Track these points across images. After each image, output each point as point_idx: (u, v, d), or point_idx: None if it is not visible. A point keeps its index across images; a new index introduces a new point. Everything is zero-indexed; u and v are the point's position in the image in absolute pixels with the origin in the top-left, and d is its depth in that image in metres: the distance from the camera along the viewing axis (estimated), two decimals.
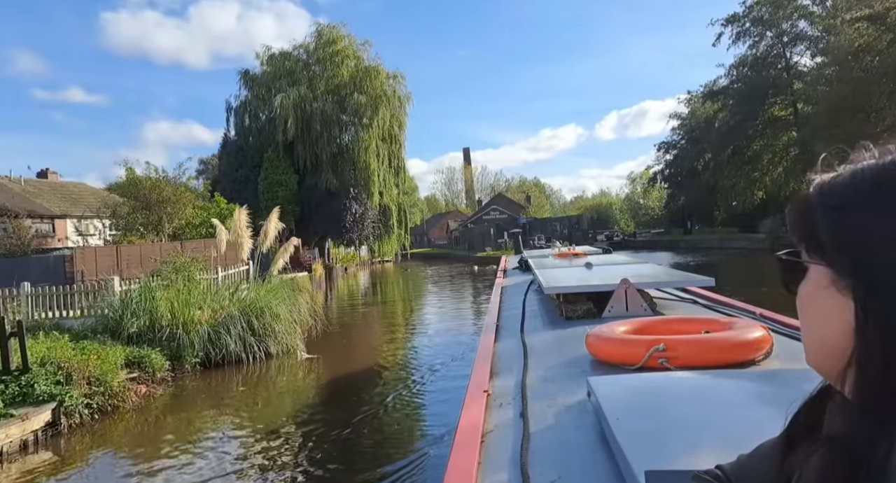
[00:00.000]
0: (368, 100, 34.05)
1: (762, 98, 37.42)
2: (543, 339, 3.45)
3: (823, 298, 0.54)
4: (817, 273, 0.55)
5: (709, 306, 4.06)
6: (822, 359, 0.56)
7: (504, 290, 6.66)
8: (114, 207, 21.05)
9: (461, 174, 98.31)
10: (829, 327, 0.54)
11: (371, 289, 31.58)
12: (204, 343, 10.11)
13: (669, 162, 62.24)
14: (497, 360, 3.05)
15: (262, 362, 10.54)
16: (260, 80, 33.90)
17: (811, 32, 36.32)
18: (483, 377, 2.58)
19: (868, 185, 0.53)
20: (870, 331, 0.50)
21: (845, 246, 0.52)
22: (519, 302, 5.18)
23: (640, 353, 2.32)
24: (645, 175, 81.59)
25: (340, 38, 35.26)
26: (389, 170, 37.10)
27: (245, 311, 10.84)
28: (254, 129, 33.59)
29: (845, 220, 0.53)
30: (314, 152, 33.15)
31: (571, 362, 2.70)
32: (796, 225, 0.58)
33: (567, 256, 8.57)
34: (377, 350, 12.61)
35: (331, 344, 12.66)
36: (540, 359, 2.89)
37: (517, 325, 4.06)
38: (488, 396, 2.29)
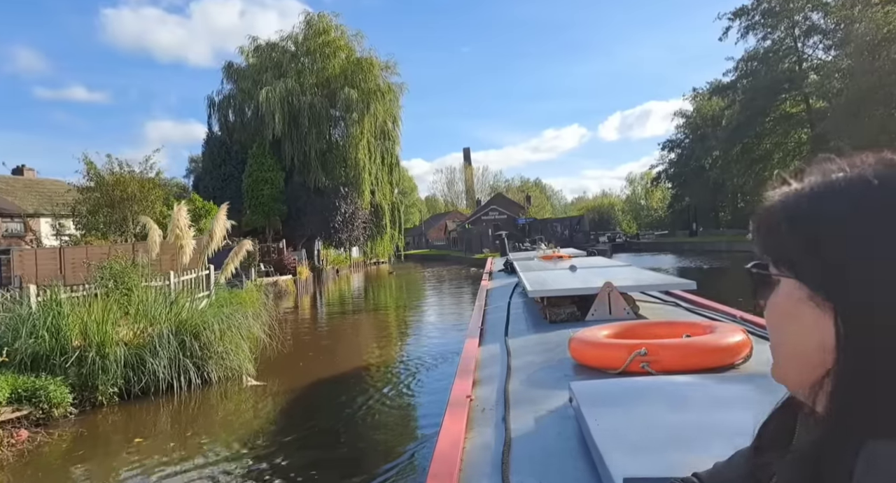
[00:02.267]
0: (361, 94, 32.32)
1: (773, 93, 35.66)
2: (527, 344, 3.47)
3: (798, 312, 0.53)
4: (790, 287, 0.54)
5: (691, 309, 4.09)
6: (793, 373, 0.55)
7: (489, 293, 6.69)
8: (73, 205, 19.39)
9: (461, 174, 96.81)
10: (804, 341, 0.53)
11: (361, 292, 29.87)
12: (124, 368, 8.39)
13: (674, 161, 60.48)
14: (480, 365, 3.07)
15: (198, 391, 8.80)
16: (245, 73, 32.17)
17: (825, 24, 34.53)
18: (466, 383, 2.59)
19: (841, 200, 0.52)
20: (849, 347, 0.49)
21: (820, 261, 0.51)
22: (504, 305, 5.19)
23: (622, 358, 2.33)
24: (647, 176, 79.95)
25: (331, 28, 33.52)
26: (382, 167, 35.36)
27: (180, 329, 9.11)
28: (238, 125, 31.87)
29: (818, 234, 0.52)
30: (302, 149, 31.42)
31: (554, 367, 2.76)
32: (763, 238, 0.57)
33: (552, 259, 8.64)
34: (348, 370, 10.86)
35: (293, 365, 10.89)
36: (523, 363, 2.92)
37: (501, 328, 4.07)
38: (471, 402, 2.30)
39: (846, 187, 0.52)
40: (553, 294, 4.24)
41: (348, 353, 12.25)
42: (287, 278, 25.48)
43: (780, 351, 0.57)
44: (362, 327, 17.05)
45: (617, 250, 55.88)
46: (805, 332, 0.53)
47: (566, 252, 10.33)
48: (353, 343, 13.96)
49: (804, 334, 0.53)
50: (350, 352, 12.50)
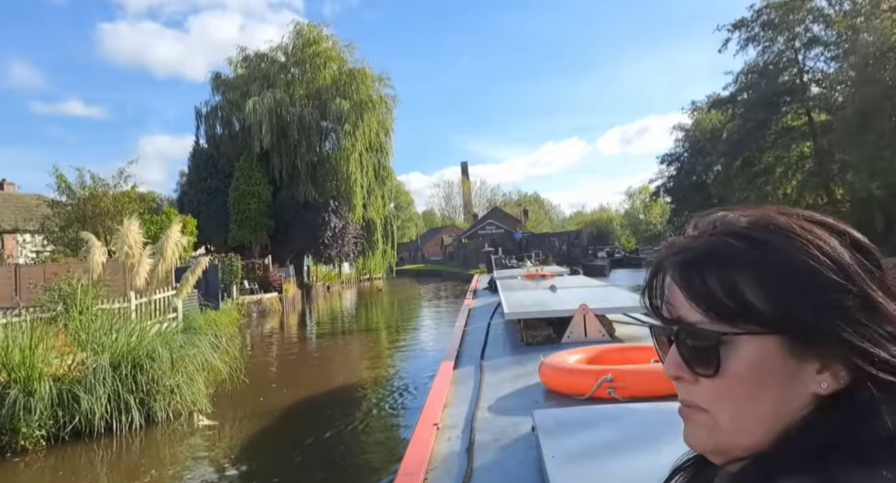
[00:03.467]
0: (352, 105, 31.46)
1: (774, 106, 34.87)
2: (502, 367, 3.48)
3: (773, 371, 0.50)
4: (760, 346, 0.50)
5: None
6: (751, 438, 0.51)
7: (471, 313, 6.62)
8: (42, 221, 18.38)
9: (459, 188, 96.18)
10: (777, 401, 0.50)
11: (350, 311, 28.82)
12: (54, 407, 7.32)
13: (673, 175, 59.70)
14: (453, 389, 3.05)
15: (140, 432, 7.71)
16: (233, 83, 31.31)
17: (826, 36, 33.85)
18: (435, 409, 2.57)
19: (800, 238, 0.50)
20: (854, 396, 0.48)
21: (804, 309, 0.49)
22: (483, 326, 5.20)
23: (589, 384, 2.33)
24: (646, 190, 79.28)
25: (322, 38, 32.76)
26: (375, 180, 34.41)
27: (124, 360, 8.04)
28: (225, 137, 30.93)
29: (796, 280, 0.49)
30: (291, 162, 30.48)
31: (524, 392, 2.73)
32: (704, 292, 0.51)
33: (535, 277, 8.46)
34: (319, 403, 9.77)
35: (257, 398, 9.82)
36: (495, 388, 2.90)
37: (478, 351, 4.07)
38: (437, 430, 2.29)
39: (808, 229, 0.51)
40: (530, 316, 4.18)
41: (321, 383, 11.13)
42: (272, 296, 24.39)
43: (744, 419, 0.50)
44: (344, 352, 15.92)
45: (615, 265, 54.93)
46: (785, 392, 0.49)
47: (549, 270, 10.10)
48: (329, 371, 12.84)
49: (783, 394, 0.49)
50: (323, 381, 11.39)
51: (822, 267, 0.49)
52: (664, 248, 0.57)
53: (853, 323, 0.48)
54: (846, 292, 0.48)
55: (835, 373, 0.49)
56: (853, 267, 0.49)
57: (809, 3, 33.80)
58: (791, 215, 0.54)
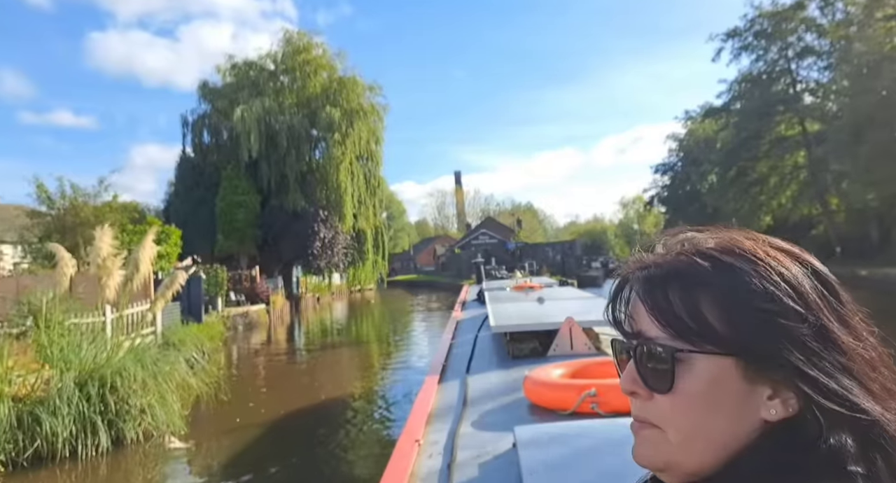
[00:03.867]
0: (343, 114, 31.06)
1: (768, 115, 34.85)
2: (487, 381, 3.41)
3: (726, 392, 0.50)
4: (715, 366, 0.50)
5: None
6: (697, 460, 0.51)
7: (459, 325, 6.59)
8: (21, 232, 17.80)
9: (453, 198, 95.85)
10: (728, 423, 0.50)
11: (339, 323, 28.26)
12: (14, 430, 6.77)
13: (667, 185, 59.71)
14: (436, 405, 3.01)
15: (108, 455, 7.17)
16: (221, 92, 30.84)
17: (819, 46, 33.94)
18: (417, 425, 2.55)
19: (764, 263, 0.51)
20: (804, 419, 0.49)
21: (762, 334, 0.49)
22: (471, 339, 5.12)
23: (572, 399, 2.31)
24: (640, 200, 79.28)
25: (312, 46, 32.40)
26: (365, 190, 33.93)
27: (92, 378, 7.51)
28: (213, 146, 30.41)
29: (756, 304, 0.50)
30: (280, 171, 29.97)
31: (508, 407, 2.70)
32: (666, 308, 0.52)
33: (524, 289, 8.40)
34: (300, 423, 9.23)
35: (235, 418, 9.26)
36: (479, 403, 2.86)
37: (464, 364, 4.03)
38: (419, 446, 2.27)
39: (770, 253, 0.52)
40: (516, 329, 4.14)
41: (304, 399, 10.57)
42: (259, 308, 23.79)
43: (694, 437, 0.51)
44: (331, 366, 15.35)
45: (610, 276, 54.60)
46: (736, 413, 0.50)
47: (538, 282, 10.06)
48: (314, 386, 12.28)
49: (735, 415, 0.50)
50: (307, 397, 10.83)
51: (782, 294, 0.49)
52: (631, 264, 0.58)
53: (807, 352, 0.48)
54: (803, 321, 0.49)
55: (785, 400, 0.49)
56: (812, 296, 0.50)
57: (802, 13, 33.92)
58: (757, 241, 0.55)
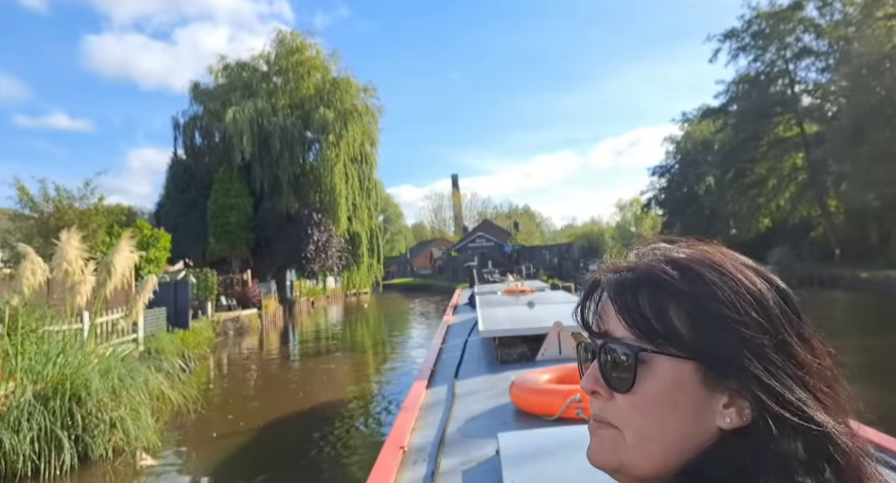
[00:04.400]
0: (337, 115, 30.66)
1: (766, 116, 34.54)
2: (474, 387, 3.39)
3: (684, 396, 0.52)
4: (677, 369, 0.52)
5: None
6: (655, 462, 0.52)
7: (449, 330, 6.58)
8: (3, 235, 17.30)
9: (450, 201, 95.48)
10: (684, 428, 0.52)
11: (333, 328, 27.81)
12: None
13: (664, 187, 59.41)
14: (423, 410, 3.01)
15: (73, 473, 6.71)
16: (213, 93, 30.41)
17: (818, 46, 33.66)
18: (402, 431, 2.54)
19: (731, 276, 0.53)
20: (755, 430, 0.50)
21: (724, 341, 0.51)
22: (460, 343, 5.15)
23: (558, 404, 2.32)
24: (637, 202, 79.04)
25: (305, 46, 32.00)
26: (360, 192, 33.52)
27: (58, 390, 7.06)
28: (204, 148, 29.98)
29: (721, 313, 0.51)
30: (273, 173, 29.55)
31: (494, 413, 2.69)
32: (634, 309, 0.54)
33: (514, 293, 8.44)
34: (285, 438, 8.78)
35: (212, 431, 8.81)
36: (466, 409, 2.86)
37: (453, 369, 4.01)
38: (404, 453, 2.25)
39: (741, 263, 0.55)
40: (505, 333, 4.13)
41: (291, 408, 10.13)
42: (251, 313, 23.32)
43: (650, 440, 0.52)
44: (321, 373, 14.88)
45: None
46: (690, 419, 0.51)
47: (530, 285, 10.05)
48: (302, 394, 11.80)
49: (688, 424, 0.51)
50: (294, 406, 10.38)
51: (747, 305, 0.51)
52: (604, 268, 0.60)
53: (766, 362, 0.50)
54: (764, 332, 0.51)
55: (740, 409, 0.51)
56: (775, 311, 0.52)
57: (800, 14, 33.64)
58: (726, 255, 0.57)
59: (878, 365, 10.65)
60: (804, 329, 0.54)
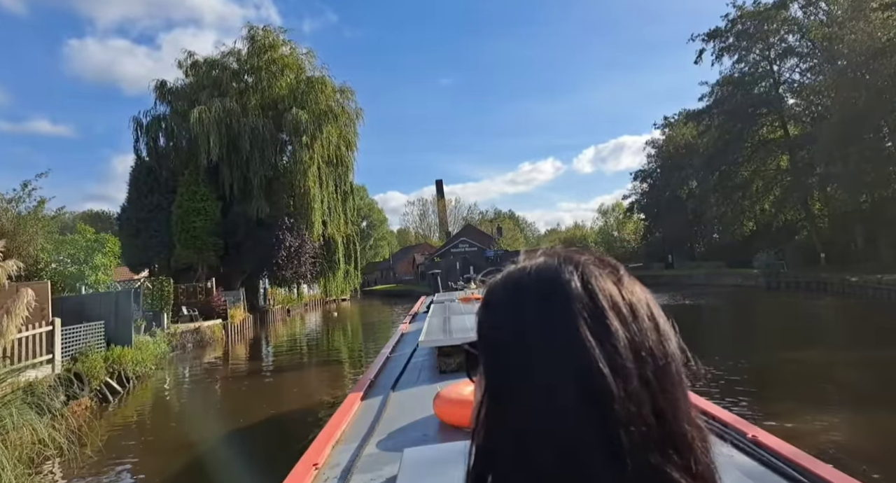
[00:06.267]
0: (311, 116, 29.42)
1: (750, 118, 33.92)
2: (409, 398, 3.36)
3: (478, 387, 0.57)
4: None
5: None
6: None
7: (402, 338, 6.59)
8: None
9: (435, 206, 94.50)
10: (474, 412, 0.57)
11: (311, 337, 26.46)
12: None
13: (646, 191, 58.89)
14: (350, 424, 2.92)
15: None
16: (180, 92, 29.05)
17: (802, 47, 33.10)
18: (320, 447, 2.45)
19: (492, 288, 0.57)
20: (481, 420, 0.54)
21: (478, 340, 0.56)
22: (409, 353, 5.11)
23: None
24: (619, 207, 78.64)
25: (279, 44, 30.75)
26: (336, 196, 32.29)
27: None
28: (170, 150, 28.58)
29: (480, 317, 0.57)
30: (243, 176, 28.21)
31: (419, 426, 2.64)
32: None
33: (470, 301, 8.27)
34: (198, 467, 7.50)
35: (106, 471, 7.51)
36: (393, 422, 2.81)
37: (392, 380, 3.94)
38: (315, 471, 2.17)
39: (498, 279, 0.58)
40: (443, 343, 4.09)
41: (214, 434, 8.84)
42: (214, 324, 21.91)
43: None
44: (278, 387, 13.53)
45: None
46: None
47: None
48: (240, 414, 10.48)
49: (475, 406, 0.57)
50: (220, 429, 9.08)
51: (499, 330, 0.54)
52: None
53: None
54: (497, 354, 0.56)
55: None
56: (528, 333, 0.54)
57: (784, 13, 33.09)
58: (519, 279, 0.57)
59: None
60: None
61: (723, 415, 2.50)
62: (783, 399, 9.22)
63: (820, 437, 7.04)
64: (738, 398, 9.25)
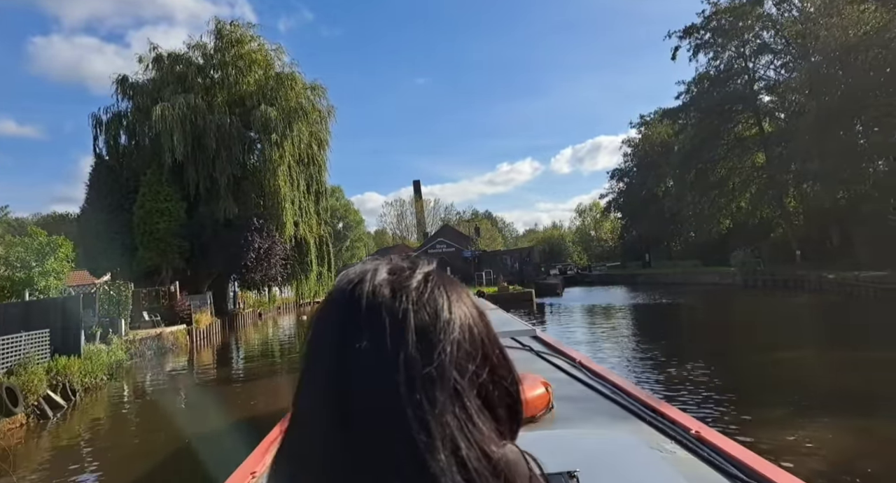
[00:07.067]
0: (280, 113, 28.41)
1: (726, 114, 33.88)
2: None
3: None
4: None
5: (540, 353, 4.02)
6: None
7: None
8: None
9: (413, 207, 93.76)
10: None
11: (283, 341, 25.55)
12: None
13: (623, 190, 58.94)
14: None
15: None
16: (142, 88, 27.83)
17: (776, 43, 33.15)
18: (260, 455, 2.34)
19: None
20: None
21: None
22: None
23: None
24: (597, 206, 78.83)
25: (247, 39, 29.67)
26: (308, 196, 31.32)
27: None
28: (131, 148, 27.37)
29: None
30: (209, 175, 27.10)
31: None
32: None
33: None
34: None
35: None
36: None
37: None
38: (253, 479, 2.09)
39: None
40: None
41: (152, 458, 8.00)
42: (178, 329, 20.88)
43: None
44: (248, 397, 12.72)
45: (569, 283, 53.11)
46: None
47: None
48: (195, 432, 9.64)
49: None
50: (162, 453, 8.25)
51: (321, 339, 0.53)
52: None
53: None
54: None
55: None
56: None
57: (758, 10, 33.07)
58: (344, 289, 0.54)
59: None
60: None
61: (668, 410, 2.40)
62: (763, 403, 8.97)
63: (797, 441, 7.02)
64: (715, 402, 9.05)
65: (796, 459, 6.35)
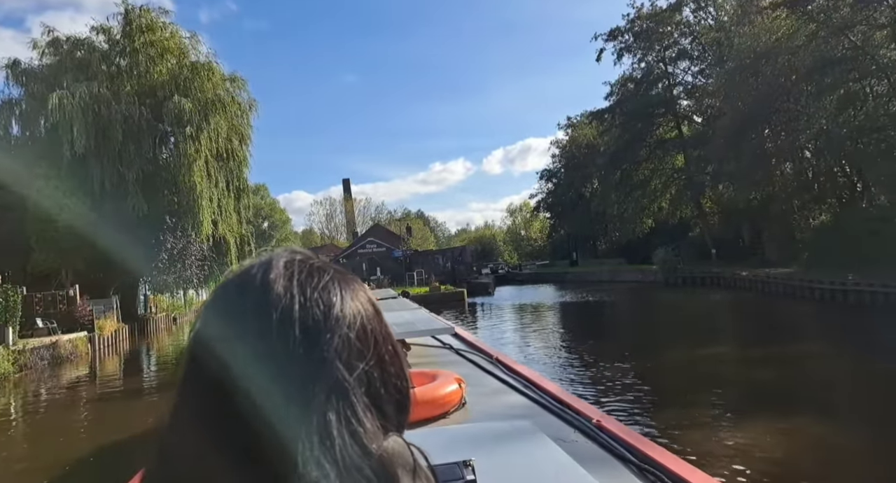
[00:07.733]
0: (196, 105, 26.76)
1: (649, 117, 34.99)
2: None
3: None
4: None
5: (459, 350, 4.10)
6: None
7: None
8: None
9: (342, 206, 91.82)
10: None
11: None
12: None
13: (552, 191, 60.01)
14: None
15: None
16: (37, 74, 25.48)
17: (693, 50, 34.52)
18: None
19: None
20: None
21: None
22: None
23: None
24: (526, 206, 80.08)
25: (158, 26, 27.79)
26: (227, 193, 29.75)
27: None
28: (25, 140, 25.03)
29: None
30: (116, 170, 25.12)
31: None
32: None
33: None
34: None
35: None
36: None
37: None
38: None
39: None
40: None
41: None
42: (77, 336, 19.12)
43: None
44: (143, 418, 11.56)
45: (500, 282, 53.52)
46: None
47: (377, 294, 9.70)
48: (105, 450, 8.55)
49: None
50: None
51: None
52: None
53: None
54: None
55: None
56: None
57: (678, 16, 34.30)
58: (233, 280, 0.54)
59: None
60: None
61: (574, 402, 2.48)
62: (673, 394, 9.22)
63: (703, 429, 7.24)
64: (623, 392, 9.31)
65: (699, 446, 6.49)
